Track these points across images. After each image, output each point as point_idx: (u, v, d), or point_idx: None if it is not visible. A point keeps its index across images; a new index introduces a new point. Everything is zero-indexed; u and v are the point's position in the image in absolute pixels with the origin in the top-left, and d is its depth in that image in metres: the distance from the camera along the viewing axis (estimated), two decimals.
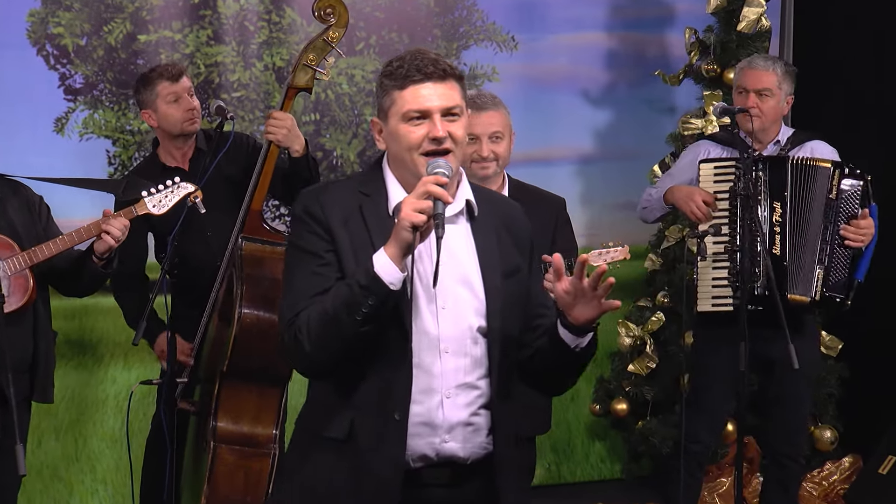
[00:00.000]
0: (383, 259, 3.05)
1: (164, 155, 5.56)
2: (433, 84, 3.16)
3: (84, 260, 4.85)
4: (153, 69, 5.55)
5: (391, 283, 3.05)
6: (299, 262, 3.20)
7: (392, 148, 3.23)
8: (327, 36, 5.12)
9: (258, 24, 6.64)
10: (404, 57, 3.18)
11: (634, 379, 6.73)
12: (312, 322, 3.10)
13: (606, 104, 7.27)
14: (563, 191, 5.35)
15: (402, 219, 3.02)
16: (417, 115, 3.15)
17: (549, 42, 7.14)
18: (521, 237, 3.36)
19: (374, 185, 3.26)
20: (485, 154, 4.83)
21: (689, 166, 5.66)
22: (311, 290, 3.15)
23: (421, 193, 3.03)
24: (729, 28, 6.70)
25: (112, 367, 6.54)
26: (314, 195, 3.26)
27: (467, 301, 3.21)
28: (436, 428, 3.18)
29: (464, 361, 3.21)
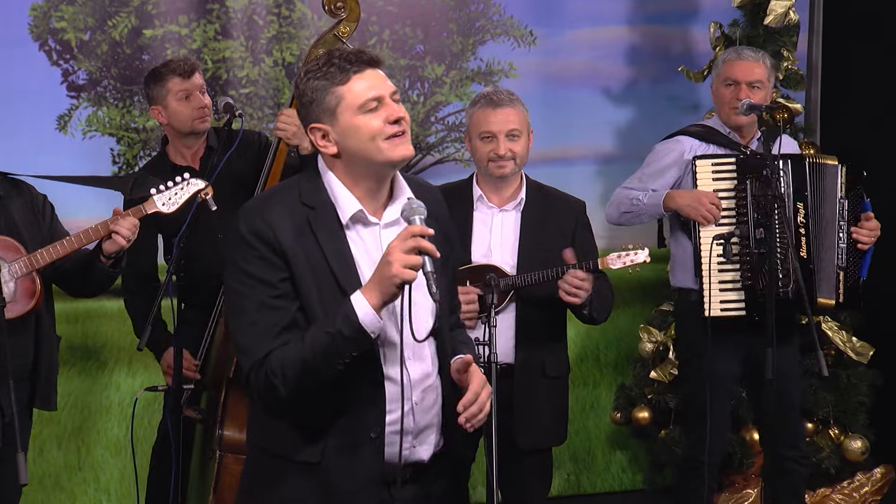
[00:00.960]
0: (366, 309, 3.08)
1: (174, 153, 5.57)
2: (372, 71, 3.22)
3: (92, 260, 4.85)
4: (165, 64, 5.56)
5: (373, 333, 3.11)
6: (251, 291, 3.17)
7: (350, 145, 3.21)
8: (338, 31, 5.13)
9: (267, 18, 6.65)
10: (329, 56, 3.22)
11: (657, 386, 6.71)
12: (289, 369, 3.12)
13: (628, 101, 7.26)
14: (582, 191, 5.35)
15: (394, 275, 3.03)
16: (374, 104, 3.18)
17: (569, 37, 7.13)
18: (444, 223, 3.43)
19: (317, 196, 3.25)
20: (501, 152, 4.83)
21: (674, 164, 5.61)
22: (274, 324, 3.15)
23: (410, 248, 3.04)
24: (755, 22, 6.69)
25: (116, 373, 6.54)
26: (259, 214, 3.22)
27: (422, 303, 3.26)
28: (406, 434, 3.26)
29: (424, 364, 3.31)
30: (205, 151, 5.55)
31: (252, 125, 6.48)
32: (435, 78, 6.91)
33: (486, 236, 4.94)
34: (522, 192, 4.98)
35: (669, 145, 5.70)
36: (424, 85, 6.90)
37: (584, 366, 7.18)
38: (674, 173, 5.60)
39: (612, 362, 7.23)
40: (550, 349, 4.97)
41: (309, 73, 3.23)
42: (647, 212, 5.61)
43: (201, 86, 5.49)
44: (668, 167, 5.63)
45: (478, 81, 6.95)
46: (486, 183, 4.97)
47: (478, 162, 4.95)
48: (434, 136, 6.92)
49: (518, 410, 4.86)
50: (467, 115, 4.97)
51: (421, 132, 6.87)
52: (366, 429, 3.21)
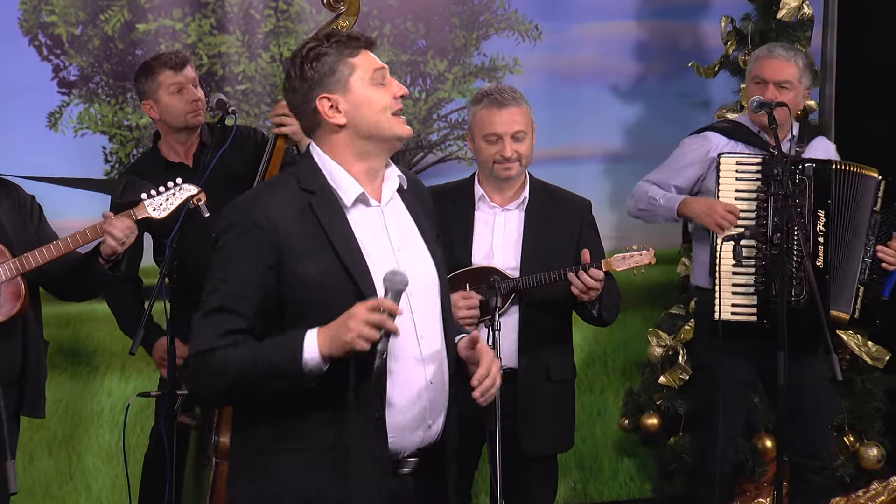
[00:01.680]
0: (314, 353, 3.11)
1: (166, 150, 5.56)
2: (370, 51, 3.34)
3: (89, 263, 4.83)
4: (156, 57, 5.56)
5: (310, 373, 3.12)
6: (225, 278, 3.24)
7: (360, 115, 3.29)
8: (337, 25, 5.12)
9: (264, 12, 6.64)
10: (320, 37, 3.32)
11: (666, 392, 6.70)
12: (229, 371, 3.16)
13: (636, 98, 7.25)
14: (589, 190, 5.34)
15: (350, 339, 3.06)
16: (384, 76, 3.32)
17: (575, 32, 7.12)
18: (430, 207, 3.58)
19: (315, 181, 3.31)
20: (508, 154, 4.83)
21: (697, 161, 5.61)
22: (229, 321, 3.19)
23: (375, 321, 3.06)
24: (768, 16, 6.68)
25: (108, 379, 6.54)
26: (252, 205, 3.27)
27: (428, 282, 3.39)
28: (425, 415, 3.33)
29: (437, 342, 3.38)
30: (198, 148, 5.54)
31: (249, 122, 6.47)
32: (437, 74, 6.90)
33: (488, 237, 4.93)
34: (526, 192, 4.97)
35: (696, 141, 5.72)
36: (426, 81, 6.89)
37: (591, 371, 7.17)
38: (695, 170, 5.60)
39: (620, 367, 7.22)
40: (555, 352, 4.96)
41: (313, 48, 3.29)
42: (661, 214, 5.63)
43: (194, 79, 5.49)
44: (690, 164, 5.64)
45: (481, 77, 6.94)
46: (488, 182, 4.96)
47: (482, 163, 4.94)
48: (436, 133, 6.91)
49: (522, 415, 4.85)
50: (470, 114, 4.96)
51: (423, 130, 6.86)
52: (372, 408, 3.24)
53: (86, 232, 4.75)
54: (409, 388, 3.31)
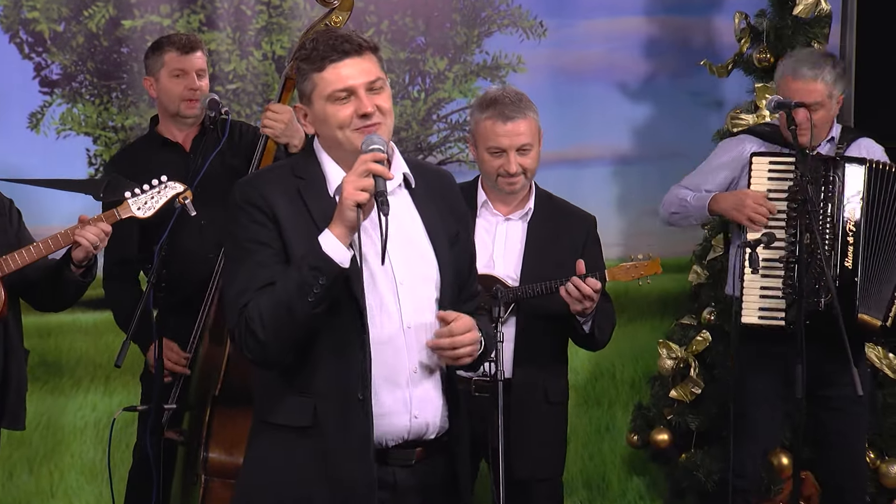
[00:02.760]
0: (330, 238, 3.36)
1: (164, 131, 5.59)
2: (351, 60, 3.48)
3: (61, 269, 4.83)
4: (167, 35, 5.66)
5: (340, 262, 3.34)
6: (244, 254, 3.49)
7: (322, 130, 3.54)
8: (330, 20, 5.14)
9: (256, 8, 6.64)
10: (317, 38, 3.51)
11: (677, 406, 6.69)
12: (264, 309, 3.38)
13: (646, 98, 7.25)
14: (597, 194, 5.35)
15: (346, 198, 3.32)
16: (343, 94, 3.47)
17: (582, 28, 7.12)
18: (455, 203, 3.74)
19: (308, 169, 3.57)
20: (513, 170, 4.83)
21: (728, 165, 5.62)
22: (259, 280, 3.42)
23: (361, 172, 3.33)
24: (784, 12, 6.67)
25: (92, 392, 6.53)
26: (251, 184, 3.57)
27: (424, 274, 3.57)
28: (408, 405, 3.52)
29: (426, 335, 3.54)
30: (199, 132, 5.56)
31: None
32: (437, 73, 6.90)
33: (489, 245, 4.92)
34: (531, 202, 4.97)
35: (730, 143, 5.75)
36: (426, 80, 6.89)
37: (599, 384, 7.16)
38: (727, 173, 5.61)
39: (629, 380, 7.21)
40: (552, 371, 4.96)
41: (298, 51, 3.56)
42: (693, 214, 5.66)
43: (200, 68, 5.50)
44: (722, 166, 5.66)
45: (483, 76, 6.94)
46: (491, 189, 4.96)
47: (485, 173, 4.95)
48: (436, 135, 6.91)
49: (516, 433, 4.82)
50: (473, 121, 4.94)
51: (422, 131, 6.86)
52: (352, 390, 3.39)
53: (66, 234, 4.75)
54: (390, 372, 3.49)
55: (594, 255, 4.97)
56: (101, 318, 5.95)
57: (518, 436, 4.83)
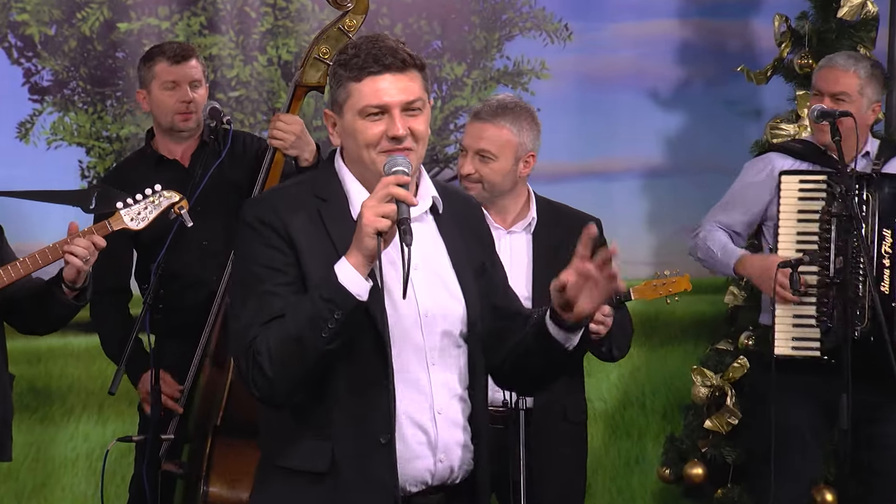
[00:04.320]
0: (347, 268, 3.26)
1: (161, 146, 5.58)
2: (392, 76, 3.39)
3: (51, 290, 4.82)
4: (159, 45, 5.64)
5: (358, 295, 3.25)
6: (254, 281, 3.38)
7: (348, 144, 3.45)
8: (343, 24, 5.13)
9: (261, 10, 6.66)
10: (360, 45, 3.41)
11: (712, 438, 6.67)
12: (273, 343, 3.29)
13: (678, 106, 7.25)
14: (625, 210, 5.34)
15: (365, 225, 3.23)
16: (375, 111, 3.38)
17: (610, 32, 7.13)
18: (481, 231, 3.69)
19: (330, 188, 3.48)
20: (464, 171, 4.88)
21: (759, 186, 5.61)
22: (269, 310, 3.33)
23: (383, 196, 3.24)
24: (827, 15, 6.67)
25: (84, 421, 6.54)
26: (266, 202, 3.50)
27: (449, 306, 3.48)
28: (433, 448, 3.43)
29: (451, 373, 3.48)
30: (198, 147, 5.55)
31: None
32: (454, 79, 6.91)
33: None
34: (532, 211, 4.99)
35: (756, 164, 5.76)
36: (442, 87, 6.90)
37: (628, 413, 7.14)
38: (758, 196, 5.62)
39: (660, 410, 7.19)
40: (570, 387, 4.98)
41: (340, 54, 3.45)
42: (720, 269, 5.72)
43: (194, 78, 5.49)
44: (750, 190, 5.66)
45: (504, 83, 6.94)
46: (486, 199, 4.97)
47: None
48: (453, 146, 6.91)
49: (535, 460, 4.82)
50: None
51: (438, 142, 6.86)
52: (375, 431, 3.33)
53: (51, 249, 4.74)
54: (414, 412, 3.41)
55: None
56: (93, 341, 5.94)
57: (537, 463, 4.83)
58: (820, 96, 5.52)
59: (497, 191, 4.93)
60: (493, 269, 3.67)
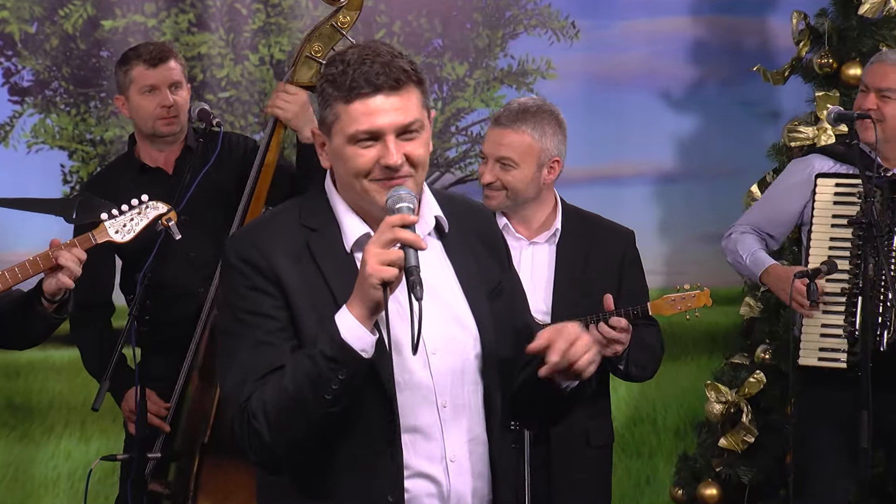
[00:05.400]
0: (350, 322, 3.09)
1: (143, 153, 5.57)
2: (385, 97, 3.18)
3: (31, 303, 4.81)
4: (135, 47, 5.57)
5: (363, 351, 3.09)
6: (242, 329, 3.21)
7: (338, 170, 3.27)
8: (336, 21, 5.13)
9: (252, 7, 6.66)
10: (349, 59, 3.20)
11: (727, 457, 6.67)
12: (271, 406, 3.13)
13: (692, 108, 7.25)
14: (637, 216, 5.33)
15: (369, 275, 3.04)
16: (366, 137, 3.18)
17: (619, 29, 7.14)
18: (495, 243, 3.48)
19: (320, 216, 3.30)
20: (485, 180, 4.88)
21: (796, 189, 5.61)
22: (262, 364, 3.17)
23: (387, 241, 3.05)
24: (848, 12, 6.67)
25: (66, 439, 6.53)
26: (247, 238, 3.30)
27: (460, 340, 3.30)
28: (445, 500, 3.26)
29: (464, 414, 3.30)
30: (182, 153, 5.53)
31: None
32: (456, 79, 6.91)
33: None
34: (557, 221, 4.97)
35: (796, 166, 5.77)
36: (443, 88, 6.90)
37: (639, 431, 7.14)
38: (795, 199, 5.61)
39: (672, 427, 7.19)
40: (593, 410, 4.94)
41: (328, 67, 3.26)
42: (747, 275, 5.74)
43: (174, 80, 5.46)
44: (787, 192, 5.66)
45: (508, 83, 6.94)
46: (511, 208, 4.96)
47: None
48: (455, 149, 6.91)
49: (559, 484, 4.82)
50: None
51: (439, 145, 6.86)
52: (382, 490, 3.20)
53: (33, 262, 4.71)
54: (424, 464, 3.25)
55: (634, 278, 4.95)
56: (76, 354, 5.92)
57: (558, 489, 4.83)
58: (866, 92, 5.52)
59: (520, 199, 4.90)
60: (511, 285, 3.49)
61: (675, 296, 4.93)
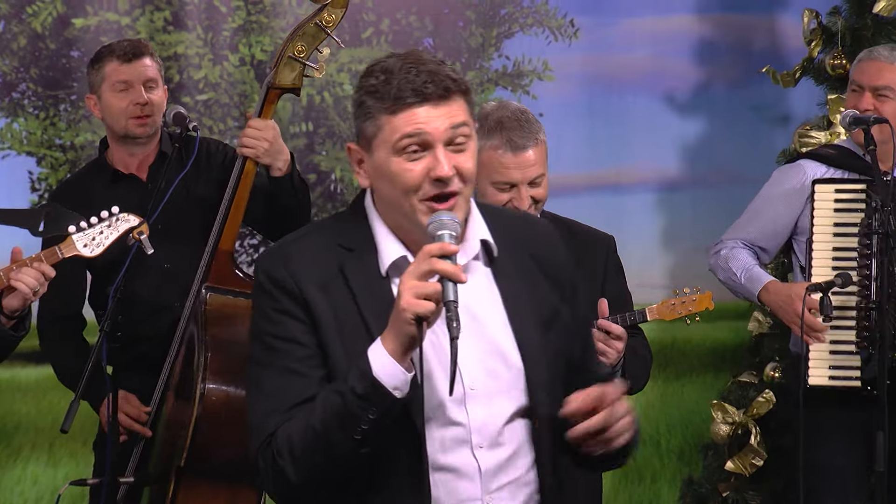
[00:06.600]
0: (383, 358, 3.03)
1: (115, 158, 5.55)
2: (433, 107, 3.13)
3: None
4: (109, 44, 5.56)
5: (395, 389, 3.04)
6: (270, 356, 3.19)
7: (381, 188, 3.21)
8: (321, 19, 5.12)
9: (232, 4, 6.67)
10: (392, 67, 3.14)
11: (735, 481, 6.67)
12: (296, 442, 3.10)
13: (698, 111, 7.27)
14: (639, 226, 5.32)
15: (403, 309, 2.99)
16: (415, 147, 3.12)
17: (622, 28, 7.15)
18: (556, 268, 3.37)
19: (357, 235, 3.25)
20: (525, 206, 4.83)
21: (789, 197, 5.61)
22: (290, 395, 3.14)
23: (424, 272, 3.00)
24: (862, 10, 6.68)
25: (33, 463, 6.53)
26: (278, 257, 3.25)
27: (501, 375, 3.21)
28: None
29: (504, 454, 3.22)
30: (156, 158, 5.52)
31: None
32: None
33: None
34: None
35: (786, 171, 5.75)
36: None
37: (641, 454, 7.13)
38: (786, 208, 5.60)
39: (676, 449, 7.20)
40: None
41: (366, 77, 3.19)
42: (743, 294, 5.69)
43: (149, 78, 5.45)
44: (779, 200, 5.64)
45: (503, 85, 6.95)
46: None
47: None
48: None
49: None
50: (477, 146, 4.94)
51: None
52: None
53: None
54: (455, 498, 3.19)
55: (617, 285, 4.94)
56: (43, 373, 5.95)
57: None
58: (860, 92, 5.52)
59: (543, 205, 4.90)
60: (574, 313, 3.37)
61: (675, 300, 4.93)
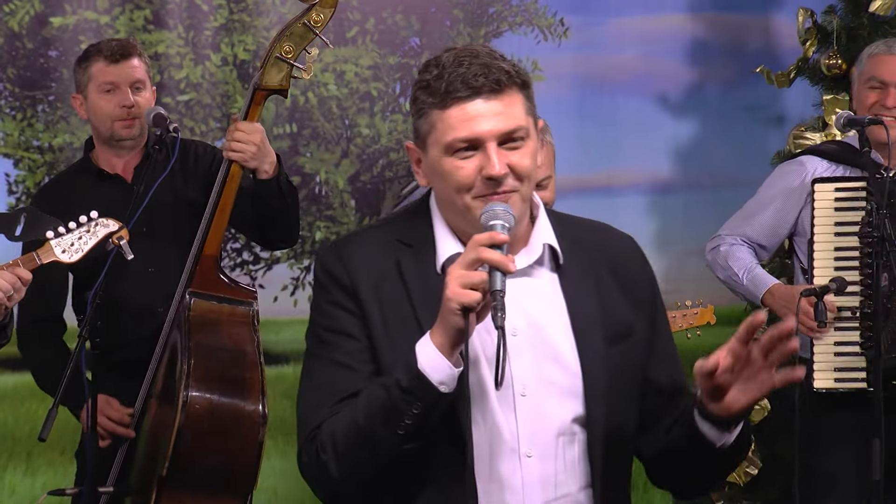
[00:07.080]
0: (429, 351, 3.01)
1: (101, 159, 5.55)
2: (485, 101, 3.10)
3: None
4: (96, 43, 5.55)
5: (441, 384, 3.01)
6: (322, 348, 3.20)
7: (437, 186, 3.20)
8: (308, 18, 5.12)
9: (214, 2, 6.67)
10: (444, 62, 3.12)
11: (729, 490, 6.68)
12: (339, 437, 3.09)
13: (691, 112, 7.28)
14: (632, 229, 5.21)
15: (448, 298, 2.96)
16: (465, 146, 3.10)
17: (613, 28, 7.16)
18: (634, 282, 3.34)
19: (417, 233, 3.24)
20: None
21: (791, 194, 5.61)
22: (338, 388, 3.14)
23: (471, 261, 2.97)
24: (857, 9, 6.70)
25: (10, 472, 6.52)
26: (335, 251, 3.26)
27: (557, 382, 3.18)
28: None
29: (554, 467, 3.19)
30: (142, 159, 5.51)
31: None
32: None
33: None
34: None
35: (788, 167, 5.75)
36: None
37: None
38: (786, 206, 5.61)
39: None
40: None
41: (422, 73, 3.18)
42: (745, 296, 5.71)
43: (136, 79, 5.45)
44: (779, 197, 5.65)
45: None
46: None
47: None
48: None
49: None
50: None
51: None
52: None
53: None
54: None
55: None
56: (21, 380, 5.94)
57: None
58: (881, 88, 5.50)
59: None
60: (652, 331, 3.34)
61: (677, 312, 4.94)
